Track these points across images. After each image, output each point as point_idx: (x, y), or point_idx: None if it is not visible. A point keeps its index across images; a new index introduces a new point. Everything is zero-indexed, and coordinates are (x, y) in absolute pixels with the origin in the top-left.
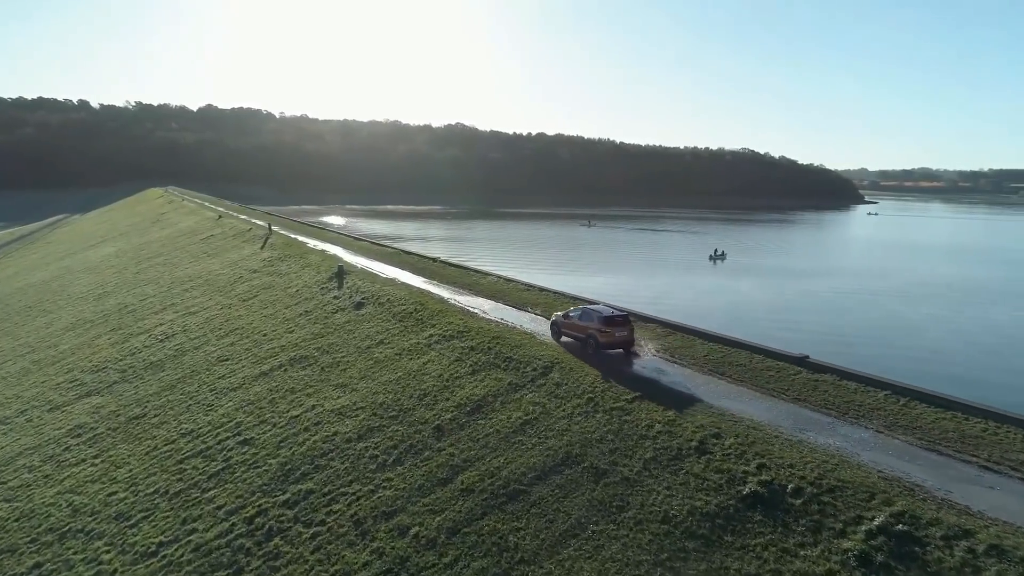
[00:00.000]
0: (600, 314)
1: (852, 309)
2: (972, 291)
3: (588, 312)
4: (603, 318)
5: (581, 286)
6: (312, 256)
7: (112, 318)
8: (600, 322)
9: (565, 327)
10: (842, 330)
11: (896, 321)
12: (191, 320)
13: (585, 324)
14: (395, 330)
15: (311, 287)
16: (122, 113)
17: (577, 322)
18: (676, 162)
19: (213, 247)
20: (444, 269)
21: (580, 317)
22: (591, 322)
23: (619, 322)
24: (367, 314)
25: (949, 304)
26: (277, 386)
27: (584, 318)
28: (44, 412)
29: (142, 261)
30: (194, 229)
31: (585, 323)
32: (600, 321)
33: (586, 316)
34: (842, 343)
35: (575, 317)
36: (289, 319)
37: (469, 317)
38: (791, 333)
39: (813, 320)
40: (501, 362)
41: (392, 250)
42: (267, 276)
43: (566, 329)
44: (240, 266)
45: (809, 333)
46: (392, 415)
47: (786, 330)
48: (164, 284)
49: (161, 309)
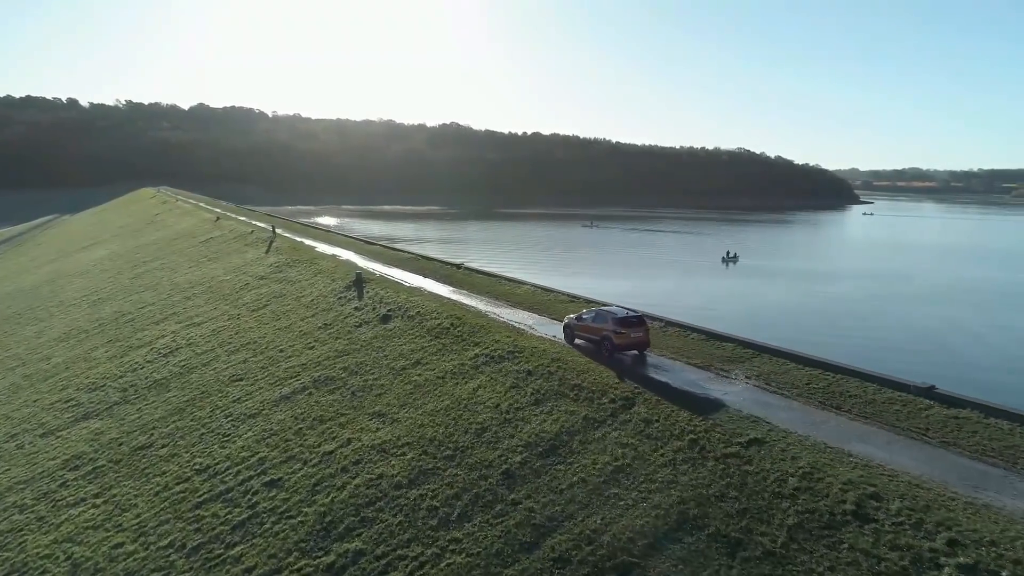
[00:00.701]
0: (615, 315)
1: (905, 317)
2: (1014, 295)
3: (602, 314)
4: (618, 319)
5: (612, 292)
6: (324, 262)
7: (108, 328)
8: (615, 323)
9: (579, 330)
10: (907, 342)
11: (961, 332)
12: (196, 332)
13: (600, 326)
14: (432, 348)
15: (327, 297)
16: (113, 112)
17: (591, 324)
18: (672, 162)
19: (213, 251)
20: (471, 277)
21: (594, 319)
22: (606, 324)
23: (634, 323)
24: (396, 329)
25: (1008, 311)
26: (303, 413)
27: (598, 320)
28: (37, 437)
29: (138, 265)
30: (191, 231)
31: (600, 325)
32: (615, 323)
33: (600, 318)
34: (919, 359)
35: (589, 319)
36: (307, 333)
37: (517, 334)
38: (853, 345)
39: (866, 328)
40: (569, 391)
41: (409, 255)
42: (276, 283)
43: (580, 332)
44: (245, 272)
45: (879, 347)
46: (447, 454)
47: (845, 341)
48: (163, 290)
49: (162, 319)
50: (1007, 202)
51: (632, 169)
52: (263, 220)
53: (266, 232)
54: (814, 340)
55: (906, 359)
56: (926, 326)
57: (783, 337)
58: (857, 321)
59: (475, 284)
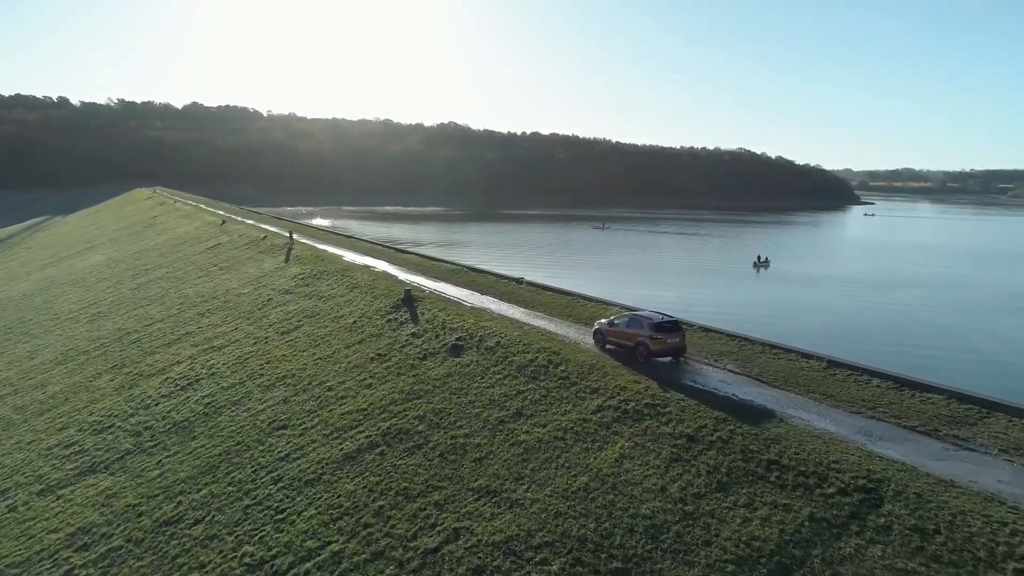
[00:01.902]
0: (650, 320)
1: (1001, 333)
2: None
3: (636, 319)
4: (654, 324)
5: (676, 305)
6: (357, 274)
7: (112, 349)
8: (651, 328)
9: (611, 335)
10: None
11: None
12: (217, 358)
13: (634, 331)
14: (533, 394)
15: (373, 318)
16: (104, 111)
17: (624, 330)
18: (674, 162)
19: (224, 258)
20: (539, 295)
21: (628, 324)
22: (640, 329)
23: (670, 328)
24: (474, 364)
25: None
26: (379, 483)
27: (632, 325)
28: (33, 496)
29: (139, 273)
30: (195, 236)
31: (634, 330)
32: (651, 328)
33: (634, 323)
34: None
35: (621, 324)
36: (359, 366)
37: (647, 379)
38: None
39: (968, 348)
40: (764, 470)
41: (452, 266)
42: (305, 299)
43: (612, 337)
44: (265, 284)
45: (998, 372)
46: (615, 568)
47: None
48: (171, 304)
49: (173, 339)
50: (1004, 203)
51: (633, 169)
52: (271, 223)
53: (281, 237)
54: (946, 367)
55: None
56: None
57: (908, 364)
58: (959, 339)
59: (549, 304)
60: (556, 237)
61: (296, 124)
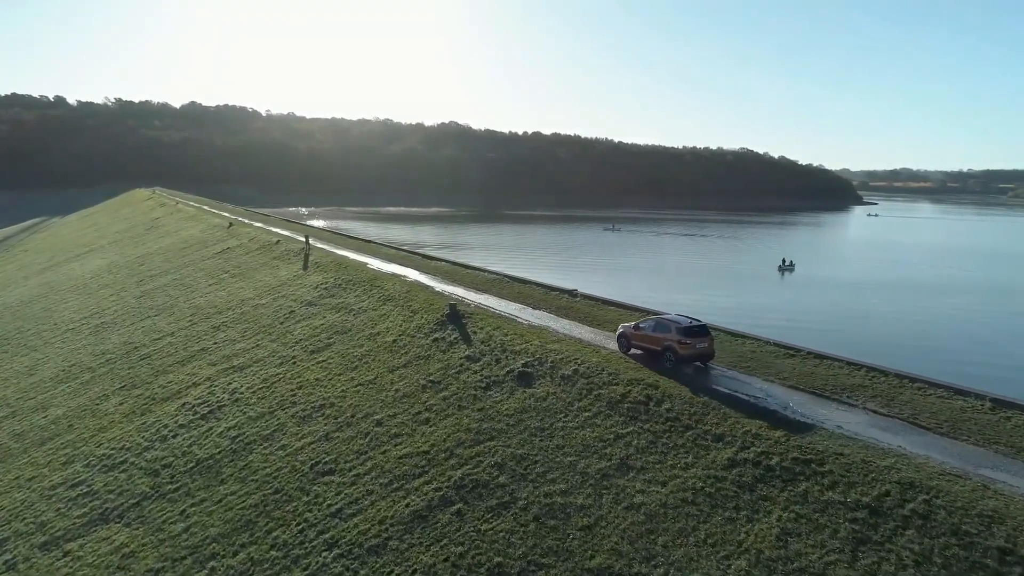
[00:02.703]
0: (678, 324)
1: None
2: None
3: (663, 323)
4: (682, 328)
5: (721, 313)
6: (388, 284)
7: (119, 366)
8: (679, 333)
9: (636, 339)
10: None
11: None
12: (240, 381)
13: (661, 336)
14: (635, 438)
15: (415, 336)
16: (101, 110)
17: (650, 334)
18: (677, 162)
19: (235, 264)
20: (600, 311)
21: (654, 328)
22: (668, 333)
23: (699, 332)
24: (551, 397)
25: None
26: (462, 555)
27: (659, 329)
28: (35, 549)
29: (144, 280)
30: (201, 239)
31: (661, 335)
32: (679, 332)
33: (661, 327)
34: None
35: (647, 328)
36: (408, 395)
37: (789, 426)
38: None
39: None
40: (998, 564)
41: (491, 275)
42: (333, 313)
43: (636, 341)
44: (285, 295)
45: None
46: None
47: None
48: (181, 315)
49: (188, 356)
50: (1005, 203)
51: (636, 169)
52: (281, 226)
53: (295, 242)
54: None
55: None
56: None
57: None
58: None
59: (616, 322)
60: (568, 239)
61: (295, 124)
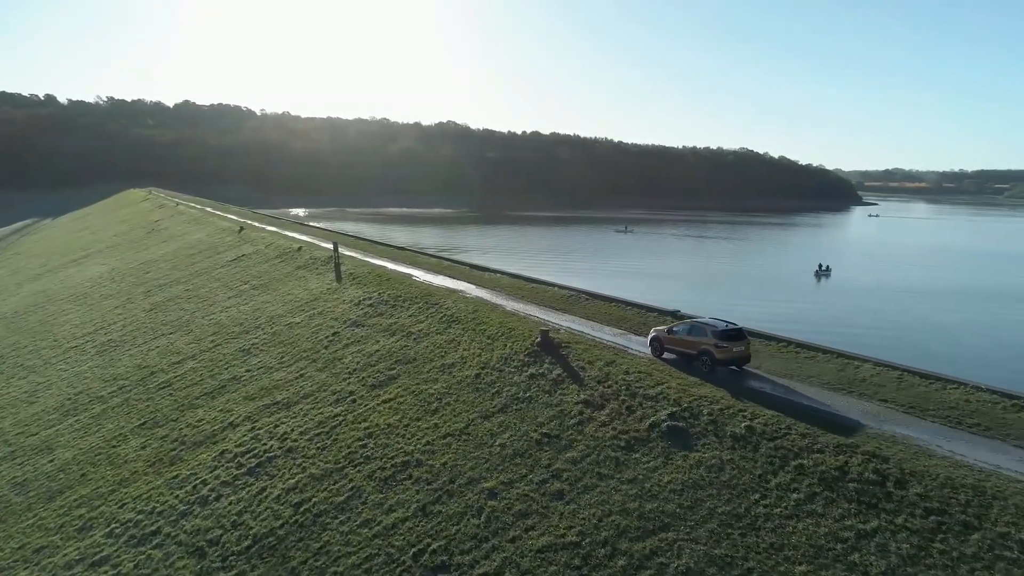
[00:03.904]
0: (714, 328)
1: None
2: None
3: (699, 327)
4: (719, 332)
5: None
6: (448, 301)
7: (135, 396)
8: (716, 336)
9: (669, 343)
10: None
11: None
12: (289, 423)
13: (697, 339)
14: (896, 542)
15: (500, 368)
16: (93, 109)
17: (685, 337)
18: (679, 162)
19: (255, 274)
20: None
21: (689, 332)
22: (704, 337)
23: (736, 336)
24: (728, 466)
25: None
26: None
27: (695, 333)
28: None
29: (152, 290)
30: (211, 244)
31: (697, 338)
32: (716, 336)
33: (697, 331)
34: None
35: (682, 332)
36: (520, 453)
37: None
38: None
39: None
40: None
41: (562, 290)
42: (386, 336)
43: (670, 345)
44: (322, 311)
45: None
46: None
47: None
48: (201, 333)
49: (217, 387)
50: (1001, 203)
51: (637, 169)
52: (297, 230)
53: (320, 249)
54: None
55: None
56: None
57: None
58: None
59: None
60: (584, 242)
61: (291, 123)
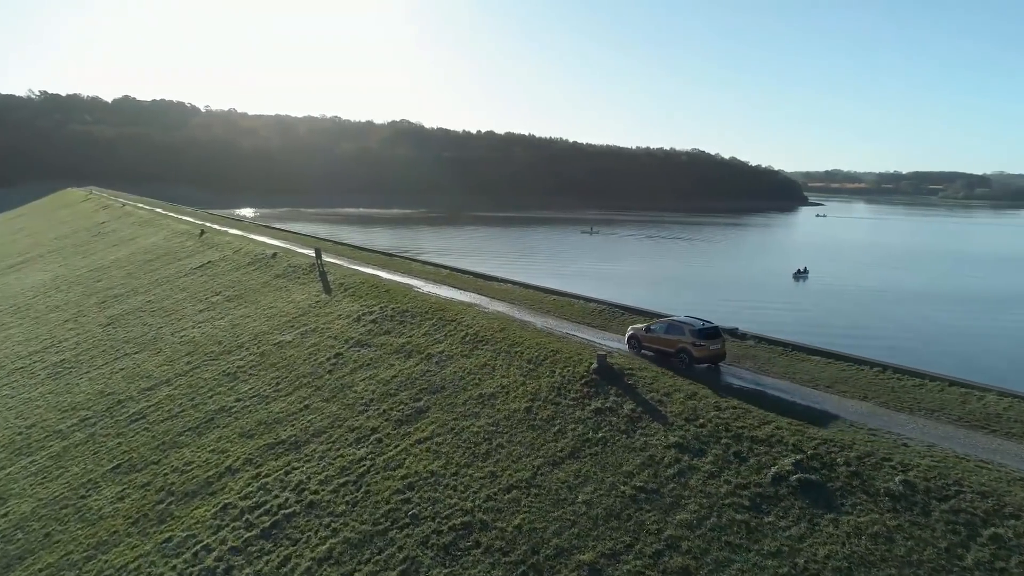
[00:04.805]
0: (692, 327)
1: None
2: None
3: (676, 325)
4: (696, 331)
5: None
6: (462, 315)
7: (102, 432)
8: (694, 335)
9: (647, 341)
10: None
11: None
12: (303, 468)
13: (675, 338)
14: None
15: (554, 401)
16: (24, 104)
17: (663, 336)
18: (634, 163)
19: (226, 283)
20: (785, 357)
21: (667, 331)
22: (682, 335)
23: (713, 334)
24: (901, 535)
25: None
26: None
27: (672, 331)
28: None
29: (107, 301)
30: (169, 249)
31: (674, 337)
32: (693, 334)
33: (674, 329)
34: None
35: (659, 331)
36: (615, 514)
37: None
38: None
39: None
40: None
41: (595, 304)
42: (401, 358)
43: (648, 343)
44: (316, 328)
45: None
46: None
47: None
48: (173, 353)
49: (202, 420)
50: (936, 203)
51: (595, 169)
52: (264, 233)
53: (295, 255)
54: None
55: None
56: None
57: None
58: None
59: (844, 379)
60: (560, 244)
61: (238, 120)
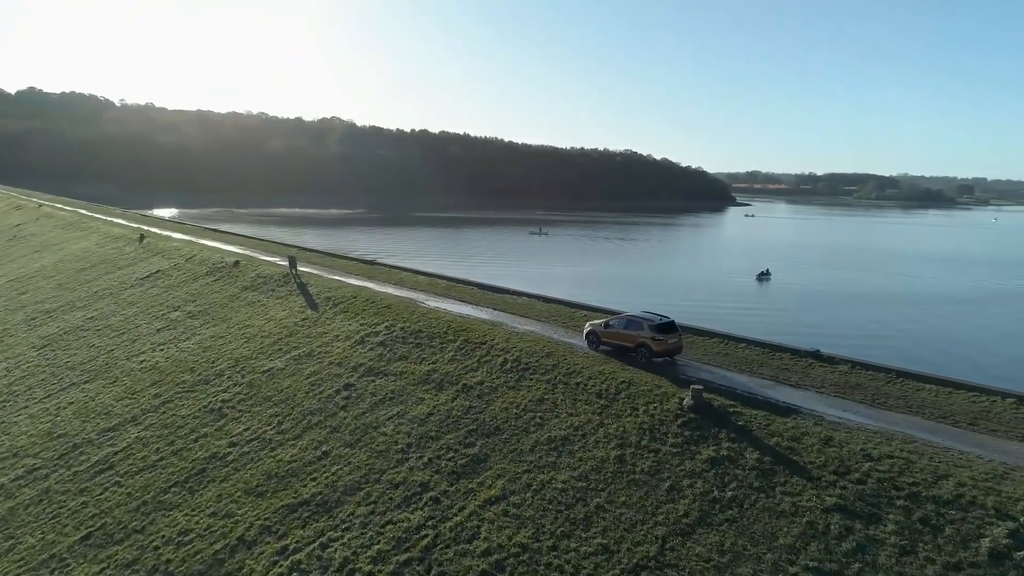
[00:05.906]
0: (651, 322)
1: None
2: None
3: (635, 321)
4: (655, 326)
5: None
6: (496, 338)
7: (58, 487)
8: (653, 330)
9: (606, 336)
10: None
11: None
12: (345, 540)
13: (634, 333)
14: None
15: (647, 446)
16: None
17: (622, 331)
18: (569, 163)
19: (184, 297)
20: (904, 387)
21: (626, 326)
22: (640, 331)
23: (670, 329)
24: None
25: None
26: None
27: (631, 327)
28: None
29: (37, 317)
30: (106, 256)
31: (634, 332)
32: (653, 329)
33: (633, 325)
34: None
35: (618, 326)
36: None
37: None
38: None
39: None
40: None
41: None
42: (432, 392)
43: (607, 339)
44: (307, 351)
45: None
46: None
47: None
48: (134, 383)
49: (191, 472)
50: (852, 203)
51: (531, 169)
52: (215, 238)
53: (259, 262)
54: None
55: None
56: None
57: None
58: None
59: (957, 411)
60: (518, 245)
61: (156, 115)
